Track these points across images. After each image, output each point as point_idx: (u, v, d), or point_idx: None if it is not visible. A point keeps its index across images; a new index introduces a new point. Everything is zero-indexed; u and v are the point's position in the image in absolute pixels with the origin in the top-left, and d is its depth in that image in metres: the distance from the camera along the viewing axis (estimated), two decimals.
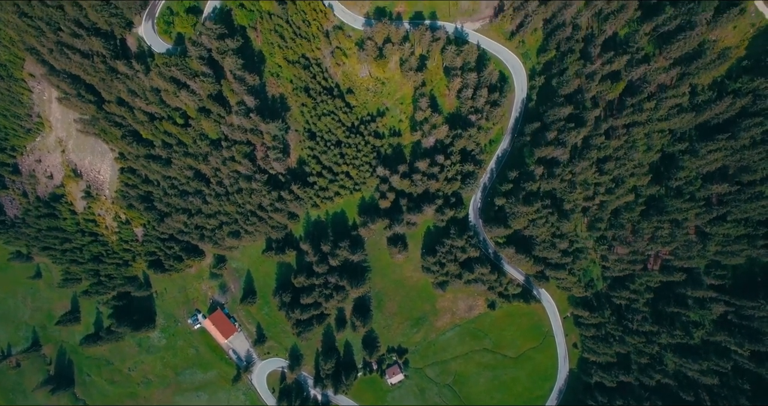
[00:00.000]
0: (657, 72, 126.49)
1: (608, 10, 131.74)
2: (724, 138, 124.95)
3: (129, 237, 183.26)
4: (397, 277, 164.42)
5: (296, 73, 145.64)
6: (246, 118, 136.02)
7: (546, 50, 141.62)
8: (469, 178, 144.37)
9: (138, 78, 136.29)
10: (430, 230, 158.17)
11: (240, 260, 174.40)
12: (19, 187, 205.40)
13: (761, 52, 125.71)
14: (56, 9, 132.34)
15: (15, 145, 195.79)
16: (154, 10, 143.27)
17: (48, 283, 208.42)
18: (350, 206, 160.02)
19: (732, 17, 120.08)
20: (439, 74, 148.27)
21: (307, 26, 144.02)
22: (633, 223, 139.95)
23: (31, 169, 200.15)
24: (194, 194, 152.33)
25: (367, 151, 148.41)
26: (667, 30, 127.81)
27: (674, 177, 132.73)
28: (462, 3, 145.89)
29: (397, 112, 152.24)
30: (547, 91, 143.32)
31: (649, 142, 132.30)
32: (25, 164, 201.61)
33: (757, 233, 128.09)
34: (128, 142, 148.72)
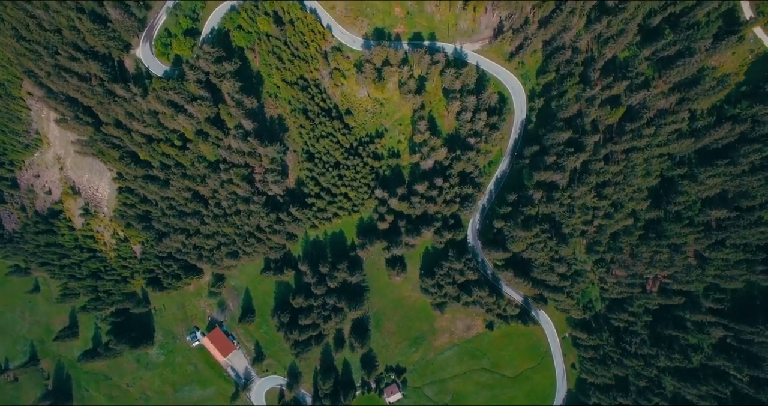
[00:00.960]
0: (657, 98, 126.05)
1: (608, 34, 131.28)
2: (724, 164, 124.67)
3: (127, 254, 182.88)
4: (396, 296, 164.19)
5: (294, 95, 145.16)
6: (244, 141, 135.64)
7: (545, 72, 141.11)
8: (467, 201, 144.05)
9: (135, 101, 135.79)
10: (428, 251, 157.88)
11: (239, 278, 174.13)
12: (18, 202, 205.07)
13: (760, 78, 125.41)
14: (54, 33, 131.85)
15: (13, 159, 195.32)
16: (152, 32, 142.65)
17: (46, 297, 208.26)
18: (349, 227, 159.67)
19: (731, 44, 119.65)
20: (438, 95, 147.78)
21: (306, 47, 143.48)
22: (632, 246, 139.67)
23: (30, 183, 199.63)
24: (192, 215, 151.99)
25: (366, 172, 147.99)
26: (666, 55, 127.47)
27: (673, 201, 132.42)
28: (461, 24, 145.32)
29: (396, 133, 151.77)
30: (546, 114, 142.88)
31: (648, 167, 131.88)
32: (24, 179, 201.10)
33: (756, 258, 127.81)
34: (126, 163, 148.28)
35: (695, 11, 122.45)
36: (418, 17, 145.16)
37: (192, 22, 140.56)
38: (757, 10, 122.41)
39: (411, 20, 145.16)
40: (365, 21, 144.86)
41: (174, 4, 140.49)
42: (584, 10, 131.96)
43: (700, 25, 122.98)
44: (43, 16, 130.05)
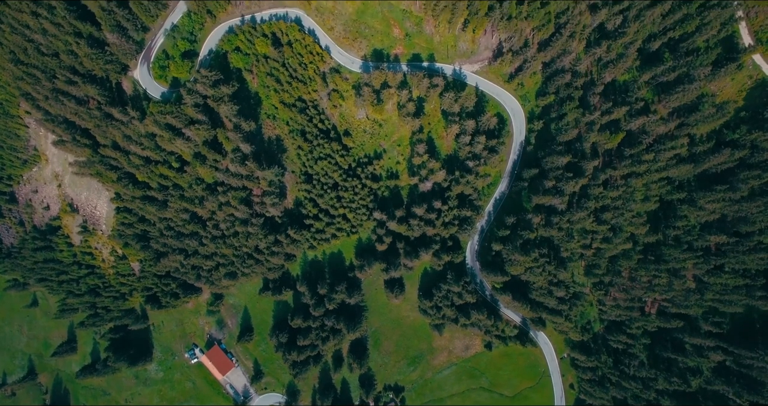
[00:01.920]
0: (656, 124, 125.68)
1: (607, 58, 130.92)
2: (723, 189, 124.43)
3: (126, 271, 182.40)
4: (394, 316, 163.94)
5: (292, 116, 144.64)
6: (242, 165, 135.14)
7: (545, 94, 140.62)
8: (466, 224, 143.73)
9: (133, 124, 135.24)
10: (427, 271, 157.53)
11: (237, 296, 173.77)
12: (16, 216, 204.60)
13: (759, 104, 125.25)
14: (51, 57, 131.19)
15: (11, 174, 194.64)
16: (149, 54, 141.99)
17: (44, 311, 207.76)
18: (347, 247, 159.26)
19: (730, 72, 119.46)
20: (437, 116, 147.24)
21: (304, 69, 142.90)
22: (630, 270, 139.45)
23: (28, 198, 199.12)
24: (190, 236, 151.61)
25: (364, 194, 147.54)
26: (666, 80, 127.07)
27: (672, 225, 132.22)
28: (461, 45, 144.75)
29: (395, 154, 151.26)
30: (545, 136, 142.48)
31: (647, 192, 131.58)
32: (22, 193, 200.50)
33: (756, 283, 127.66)
34: (124, 185, 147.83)
35: (694, 37, 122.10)
36: (417, 38, 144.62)
37: (189, 44, 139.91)
38: (756, 37, 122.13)
39: (410, 41, 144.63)
40: (364, 42, 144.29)
41: (172, 27, 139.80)
42: (584, 34, 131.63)
43: (699, 52, 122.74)
44: (41, 41, 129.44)
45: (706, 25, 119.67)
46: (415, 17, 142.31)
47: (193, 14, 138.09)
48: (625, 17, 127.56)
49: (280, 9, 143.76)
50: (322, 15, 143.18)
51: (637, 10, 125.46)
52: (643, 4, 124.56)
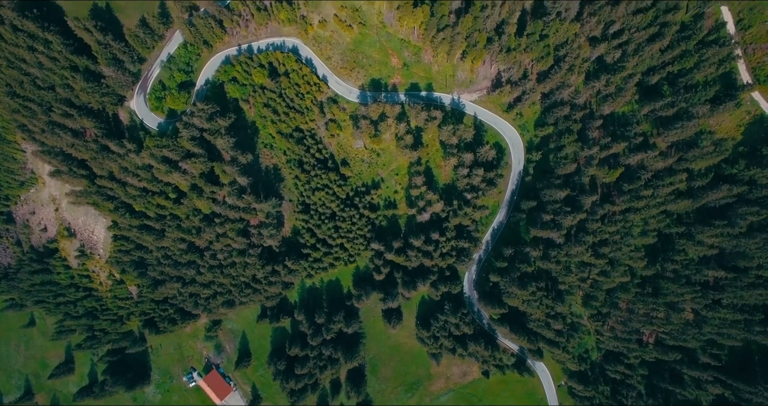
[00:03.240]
0: (655, 160, 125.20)
1: (606, 92, 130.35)
2: (722, 225, 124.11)
3: (123, 295, 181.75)
4: (392, 343, 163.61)
5: (290, 147, 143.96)
6: (239, 198, 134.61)
7: (544, 125, 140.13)
8: (463, 256, 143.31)
9: (129, 157, 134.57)
10: (425, 299, 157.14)
11: (235, 321, 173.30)
12: (13, 236, 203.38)
13: (757, 140, 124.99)
14: (48, 90, 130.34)
15: (8, 194, 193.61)
16: (146, 84, 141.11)
17: (42, 331, 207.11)
18: (345, 274, 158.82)
19: (728, 109, 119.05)
20: (436, 145, 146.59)
21: (301, 99, 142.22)
22: (628, 302, 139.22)
23: (25, 219, 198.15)
24: (188, 265, 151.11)
25: (362, 224, 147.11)
26: (664, 115, 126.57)
27: (670, 259, 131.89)
28: (459, 74, 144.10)
29: (392, 183, 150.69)
30: (544, 167, 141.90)
31: (645, 227, 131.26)
32: (19, 214, 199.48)
33: (754, 318, 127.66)
34: (121, 214, 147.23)
35: (693, 73, 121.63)
36: (415, 68, 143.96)
37: (186, 75, 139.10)
38: (754, 73, 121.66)
39: (408, 71, 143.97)
40: (361, 72, 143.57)
41: (168, 57, 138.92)
42: (583, 67, 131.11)
43: (698, 88, 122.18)
44: (38, 74, 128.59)
45: (705, 61, 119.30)
46: (413, 47, 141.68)
47: (189, 45, 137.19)
48: (624, 51, 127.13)
49: (277, 38, 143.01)
50: (320, 45, 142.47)
51: (636, 44, 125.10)
52: (642, 39, 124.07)
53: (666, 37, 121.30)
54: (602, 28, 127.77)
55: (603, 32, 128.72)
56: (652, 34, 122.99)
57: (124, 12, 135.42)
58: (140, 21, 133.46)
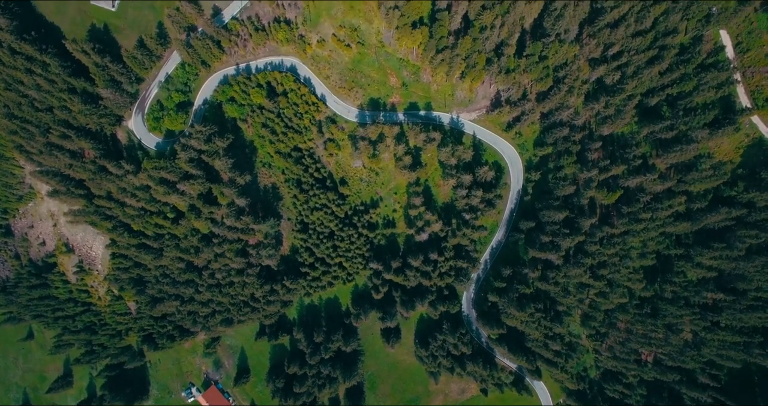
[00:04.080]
0: (654, 182, 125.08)
1: (605, 113, 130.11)
2: (721, 247, 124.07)
3: (122, 310, 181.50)
4: (391, 360, 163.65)
5: (288, 166, 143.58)
6: (237, 220, 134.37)
7: (543, 144, 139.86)
8: (462, 275, 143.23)
9: (127, 178, 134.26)
10: (423, 317, 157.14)
11: (234, 337, 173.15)
12: (11, 249, 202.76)
13: (756, 163, 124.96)
14: (45, 112, 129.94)
15: (7, 208, 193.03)
16: (143, 104, 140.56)
17: (40, 344, 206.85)
18: (344, 292, 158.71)
19: (727, 133, 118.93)
20: (434, 164, 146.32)
21: (299, 119, 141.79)
22: (627, 323, 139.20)
23: (24, 232, 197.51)
24: (186, 284, 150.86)
25: (360, 243, 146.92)
26: (664, 137, 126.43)
27: (669, 281, 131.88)
28: (458, 93, 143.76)
29: (391, 202, 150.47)
30: (543, 187, 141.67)
31: (644, 250, 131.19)
32: (18, 227, 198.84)
33: (753, 340, 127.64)
34: (119, 233, 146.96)
35: (692, 96, 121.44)
36: (414, 87, 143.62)
37: (184, 96, 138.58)
38: (753, 98, 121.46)
39: (407, 90, 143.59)
40: (360, 91, 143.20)
41: (166, 77, 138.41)
42: (582, 89, 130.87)
43: (697, 111, 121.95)
44: (35, 96, 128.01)
45: (704, 85, 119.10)
46: (412, 66, 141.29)
47: (187, 65, 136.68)
48: (623, 73, 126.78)
49: (275, 57, 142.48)
50: (318, 64, 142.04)
51: (635, 66, 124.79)
52: (642, 61, 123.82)
53: (665, 60, 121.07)
54: (601, 50, 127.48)
55: (602, 54, 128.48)
56: (651, 56, 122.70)
57: (122, 33, 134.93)
58: (138, 42, 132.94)
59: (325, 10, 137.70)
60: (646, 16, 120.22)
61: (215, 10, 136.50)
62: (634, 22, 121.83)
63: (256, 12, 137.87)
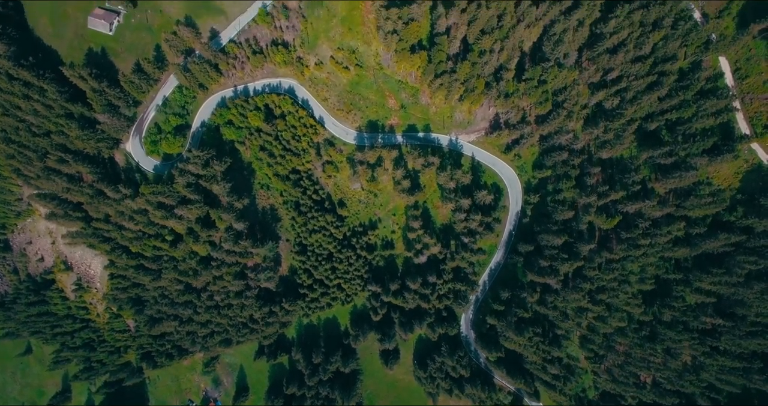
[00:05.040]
0: (653, 208, 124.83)
1: (605, 138, 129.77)
2: (720, 273, 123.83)
3: (121, 328, 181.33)
4: (390, 379, 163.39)
5: (286, 189, 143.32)
6: (235, 244, 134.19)
7: (542, 167, 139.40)
8: (460, 298, 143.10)
9: (125, 202, 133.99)
10: (422, 337, 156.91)
11: (233, 355, 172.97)
12: (10, 264, 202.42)
13: (755, 188, 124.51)
14: (43, 137, 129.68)
15: (5, 223, 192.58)
16: (141, 126, 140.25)
17: (39, 359, 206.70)
18: (342, 313, 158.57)
19: (726, 160, 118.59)
20: (433, 186, 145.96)
21: (297, 141, 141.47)
22: (626, 346, 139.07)
23: (22, 247, 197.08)
24: (185, 306, 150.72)
25: (359, 265, 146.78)
26: (663, 163, 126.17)
27: (668, 305, 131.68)
28: (457, 115, 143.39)
29: (390, 223, 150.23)
30: (542, 210, 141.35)
31: (643, 275, 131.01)
32: (16, 242, 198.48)
33: (753, 366, 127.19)
34: (117, 255, 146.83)
35: (692, 122, 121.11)
36: (412, 109, 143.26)
37: (181, 119, 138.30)
38: (752, 124, 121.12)
39: (405, 112, 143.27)
40: (358, 114, 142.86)
41: (163, 100, 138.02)
42: (581, 114, 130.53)
43: (696, 137, 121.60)
44: (33, 121, 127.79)
45: (703, 112, 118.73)
46: (410, 88, 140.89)
47: (185, 89, 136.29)
48: (622, 98, 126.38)
49: (273, 79, 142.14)
50: (316, 86, 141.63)
51: (634, 92, 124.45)
52: (641, 87, 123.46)
53: (664, 86, 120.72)
54: (601, 75, 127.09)
55: (602, 78, 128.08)
56: (650, 82, 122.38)
57: (120, 56, 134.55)
58: (135, 66, 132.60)
59: (323, 33, 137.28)
60: (645, 42, 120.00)
61: (213, 33, 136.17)
62: (633, 47, 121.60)
63: (254, 34, 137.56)
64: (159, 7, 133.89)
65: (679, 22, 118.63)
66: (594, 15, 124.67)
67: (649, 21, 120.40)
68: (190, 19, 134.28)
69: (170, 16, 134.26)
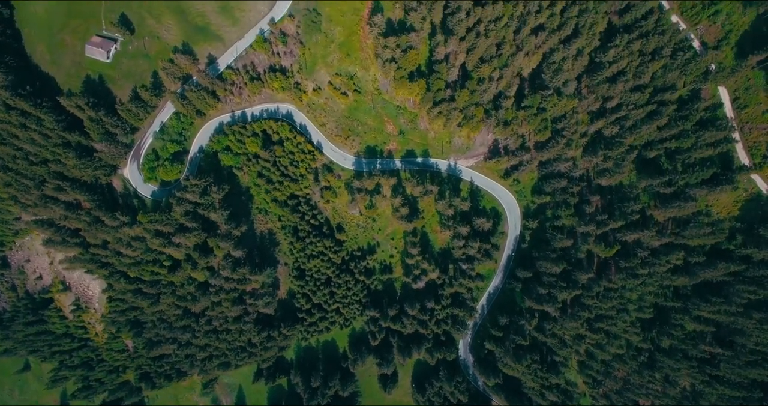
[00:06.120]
0: (652, 238, 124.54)
1: (604, 166, 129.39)
2: (719, 302, 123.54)
3: (119, 347, 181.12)
4: (388, 402, 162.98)
5: (284, 214, 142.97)
6: (233, 271, 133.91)
7: (541, 193, 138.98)
8: (458, 324, 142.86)
9: (123, 229, 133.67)
10: (420, 360, 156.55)
11: (232, 375, 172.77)
12: (8, 281, 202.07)
13: (754, 218, 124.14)
14: (40, 165, 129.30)
15: (3, 240, 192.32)
16: (139, 152, 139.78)
17: (37, 376, 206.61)
18: (341, 335, 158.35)
19: (725, 191, 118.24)
20: (432, 211, 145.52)
21: (295, 167, 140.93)
22: (624, 373, 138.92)
23: (20, 265, 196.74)
24: (183, 330, 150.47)
25: (357, 290, 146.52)
26: (662, 192, 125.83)
27: (667, 333, 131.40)
28: (456, 140, 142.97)
29: (388, 247, 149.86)
30: (540, 236, 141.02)
31: (641, 303, 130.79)
32: (14, 259, 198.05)
33: (753, 395, 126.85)
34: (116, 280, 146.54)
35: (691, 152, 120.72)
36: (411, 134, 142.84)
37: (178, 146, 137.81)
38: (751, 154, 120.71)
39: (404, 137, 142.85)
40: (356, 139, 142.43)
41: (161, 126, 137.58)
42: (580, 142, 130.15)
43: (695, 167, 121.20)
44: (30, 149, 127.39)
45: (702, 142, 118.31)
46: (409, 113, 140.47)
47: (182, 116, 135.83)
48: (621, 126, 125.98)
49: (271, 104, 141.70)
50: (314, 111, 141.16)
51: (633, 120, 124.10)
52: (640, 116, 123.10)
53: (663, 115, 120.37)
54: (600, 103, 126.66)
55: (601, 106, 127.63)
56: (649, 111, 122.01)
57: (117, 83, 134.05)
58: (132, 93, 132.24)
59: (321, 58, 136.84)
60: (644, 71, 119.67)
61: (210, 59, 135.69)
62: (633, 77, 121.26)
63: (251, 60, 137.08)
64: (156, 33, 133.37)
65: (678, 52, 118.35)
66: (593, 44, 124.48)
67: (648, 50, 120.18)
68: (188, 46, 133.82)
69: (167, 42, 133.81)
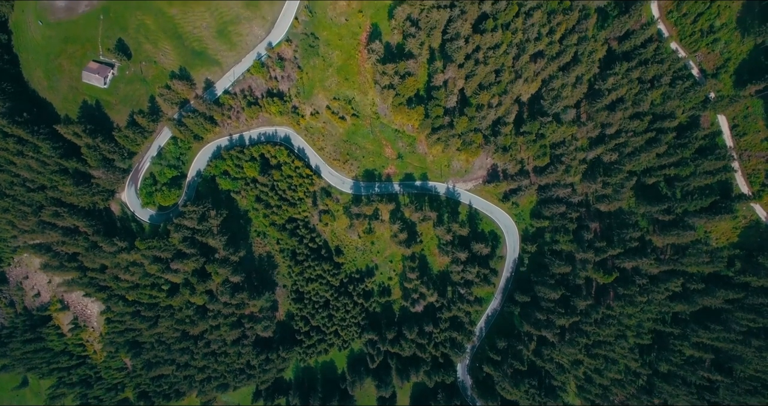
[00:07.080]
0: (650, 265, 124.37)
1: (603, 192, 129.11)
2: (718, 329, 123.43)
3: (118, 366, 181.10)
4: None
5: (282, 238, 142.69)
6: (232, 297, 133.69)
7: (540, 217, 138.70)
8: (457, 348, 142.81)
9: (121, 255, 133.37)
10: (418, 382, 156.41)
11: (230, 396, 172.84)
12: (6, 297, 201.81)
13: (753, 245, 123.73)
14: (37, 191, 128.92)
15: (1, 256, 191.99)
16: (137, 176, 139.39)
17: (35, 392, 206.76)
18: (339, 357, 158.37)
19: (724, 219, 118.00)
20: (431, 234, 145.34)
21: (293, 191, 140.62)
22: (623, 397, 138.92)
23: (19, 281, 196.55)
24: (181, 352, 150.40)
25: (356, 312, 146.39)
26: (660, 219, 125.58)
27: (666, 358, 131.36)
28: (454, 164, 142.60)
29: (387, 270, 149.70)
30: (539, 259, 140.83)
31: (639, 330, 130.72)
32: (13, 275, 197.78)
33: None
34: (114, 302, 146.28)
35: (690, 180, 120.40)
36: (409, 158, 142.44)
37: (176, 171, 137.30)
38: (750, 181, 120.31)
39: (402, 161, 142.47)
40: (355, 163, 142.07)
41: (158, 150, 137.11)
42: (579, 169, 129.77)
43: (694, 195, 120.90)
44: (27, 176, 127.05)
45: (701, 170, 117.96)
46: (407, 137, 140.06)
47: (180, 141, 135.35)
48: (620, 153, 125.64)
49: (268, 127, 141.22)
50: (312, 135, 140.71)
51: (632, 147, 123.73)
52: (639, 143, 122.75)
53: (662, 143, 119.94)
54: (599, 130, 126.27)
55: (600, 133, 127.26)
56: (648, 138, 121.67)
57: (114, 108, 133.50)
58: (129, 119, 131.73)
59: (319, 82, 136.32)
60: (643, 99, 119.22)
61: (207, 84, 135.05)
62: (632, 104, 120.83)
63: (249, 85, 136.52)
64: (153, 58, 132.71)
65: (677, 80, 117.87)
66: (593, 70, 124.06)
67: (647, 78, 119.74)
68: (185, 70, 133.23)
69: (165, 67, 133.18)
